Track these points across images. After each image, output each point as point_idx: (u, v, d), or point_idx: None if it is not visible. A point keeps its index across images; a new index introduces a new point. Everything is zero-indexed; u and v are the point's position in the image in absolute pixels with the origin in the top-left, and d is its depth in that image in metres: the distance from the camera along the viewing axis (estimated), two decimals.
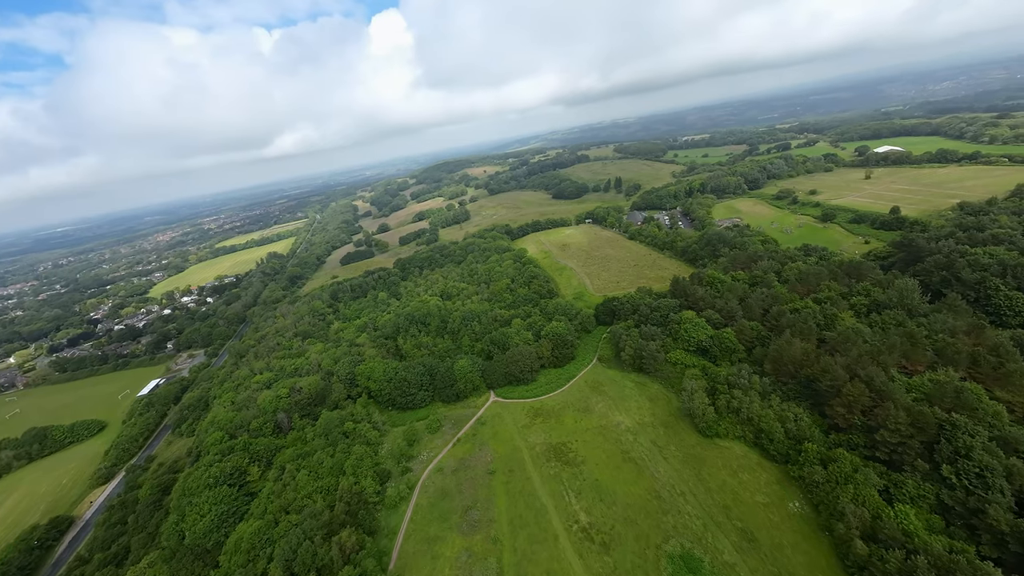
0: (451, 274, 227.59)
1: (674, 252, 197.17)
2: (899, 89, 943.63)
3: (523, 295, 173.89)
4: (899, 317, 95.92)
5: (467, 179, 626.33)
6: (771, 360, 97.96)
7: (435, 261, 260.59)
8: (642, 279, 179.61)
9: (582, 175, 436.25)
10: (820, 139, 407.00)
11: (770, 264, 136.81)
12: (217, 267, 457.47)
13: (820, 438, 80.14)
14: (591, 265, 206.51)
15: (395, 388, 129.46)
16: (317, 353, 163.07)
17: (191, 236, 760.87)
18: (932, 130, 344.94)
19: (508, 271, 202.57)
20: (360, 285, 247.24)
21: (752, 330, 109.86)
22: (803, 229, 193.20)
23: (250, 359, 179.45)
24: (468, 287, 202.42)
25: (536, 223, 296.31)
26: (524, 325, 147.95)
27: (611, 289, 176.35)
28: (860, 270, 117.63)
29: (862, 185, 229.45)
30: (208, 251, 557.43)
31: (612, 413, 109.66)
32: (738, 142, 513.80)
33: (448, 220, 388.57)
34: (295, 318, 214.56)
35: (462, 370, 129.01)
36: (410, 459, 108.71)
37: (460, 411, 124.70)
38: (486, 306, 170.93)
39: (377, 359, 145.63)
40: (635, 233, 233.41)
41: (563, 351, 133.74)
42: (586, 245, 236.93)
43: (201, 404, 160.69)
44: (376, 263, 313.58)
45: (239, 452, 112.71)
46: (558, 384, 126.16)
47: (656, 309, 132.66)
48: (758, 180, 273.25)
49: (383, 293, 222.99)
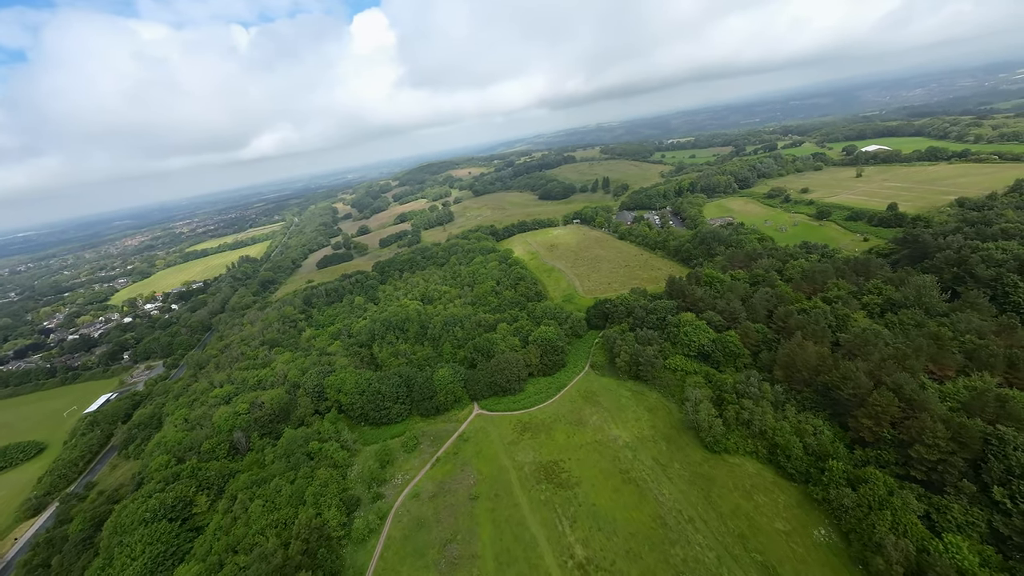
0: (432, 277, 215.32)
1: (667, 252, 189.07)
2: (874, 95, 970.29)
3: (509, 298, 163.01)
4: (917, 317, 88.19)
5: (451, 180, 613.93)
6: (782, 366, 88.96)
7: (416, 263, 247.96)
8: (634, 280, 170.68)
9: (569, 175, 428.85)
10: (806, 140, 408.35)
11: (771, 262, 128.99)
12: (186, 272, 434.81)
13: (844, 454, 70.94)
14: (580, 266, 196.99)
15: (368, 401, 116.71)
16: (284, 363, 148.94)
17: (161, 240, 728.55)
18: (915, 131, 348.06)
19: (493, 273, 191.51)
20: (336, 289, 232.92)
21: (758, 333, 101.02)
22: (798, 227, 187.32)
23: (210, 371, 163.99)
24: (450, 290, 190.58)
25: (522, 223, 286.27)
26: (510, 330, 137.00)
27: (602, 291, 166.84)
28: (868, 267, 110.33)
29: (854, 183, 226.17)
30: (178, 255, 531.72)
31: (608, 426, 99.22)
32: (724, 144, 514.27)
33: (431, 221, 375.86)
34: (263, 325, 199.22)
35: (442, 380, 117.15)
36: (382, 483, 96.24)
37: (440, 426, 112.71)
38: (469, 310, 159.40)
39: (349, 369, 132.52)
40: (625, 233, 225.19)
41: (553, 358, 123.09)
42: (575, 245, 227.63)
43: (153, 422, 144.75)
44: (354, 266, 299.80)
45: (185, 479, 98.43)
46: (548, 394, 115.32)
47: (652, 311, 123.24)
48: (748, 179, 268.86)
49: (360, 297, 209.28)
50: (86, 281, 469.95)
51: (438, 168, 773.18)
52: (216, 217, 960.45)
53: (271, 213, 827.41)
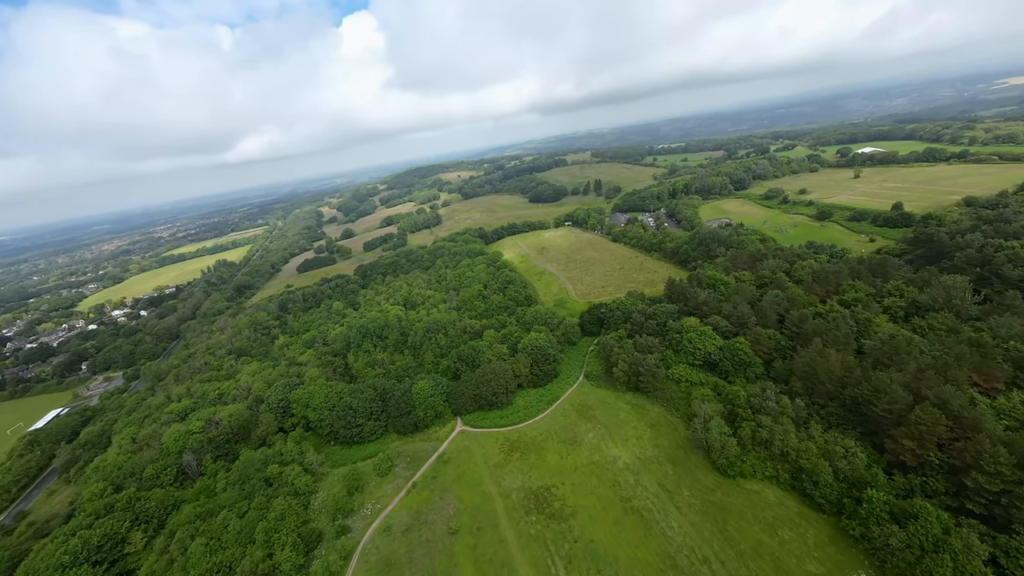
0: (417, 281, 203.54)
1: (663, 254, 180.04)
2: (858, 104, 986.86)
3: (497, 303, 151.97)
4: (948, 321, 79.38)
5: (440, 184, 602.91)
6: (800, 376, 79.16)
7: (400, 267, 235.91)
8: (630, 283, 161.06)
9: (560, 178, 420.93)
10: (797, 144, 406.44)
11: (777, 263, 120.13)
12: (161, 277, 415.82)
13: (883, 482, 60.94)
14: (572, 269, 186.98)
15: (338, 418, 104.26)
16: (249, 375, 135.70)
17: (139, 245, 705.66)
18: (906, 135, 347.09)
19: (480, 276, 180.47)
20: (314, 294, 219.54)
21: (770, 339, 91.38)
22: (799, 228, 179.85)
23: (169, 383, 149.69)
24: (435, 294, 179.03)
25: (512, 226, 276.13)
26: (498, 337, 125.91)
27: (596, 295, 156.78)
28: (886, 268, 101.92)
29: (852, 184, 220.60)
30: (153, 260, 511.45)
31: (606, 445, 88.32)
32: (715, 148, 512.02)
33: (418, 224, 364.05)
34: (232, 333, 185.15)
35: (422, 393, 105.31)
36: (349, 514, 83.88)
37: (418, 445, 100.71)
38: (454, 316, 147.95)
39: (320, 381, 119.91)
40: (619, 235, 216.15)
41: (544, 367, 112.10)
42: (566, 248, 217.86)
43: (102, 441, 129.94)
44: (337, 270, 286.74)
45: (119, 512, 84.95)
46: (539, 408, 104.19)
47: (652, 316, 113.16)
48: (744, 180, 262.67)
49: (338, 303, 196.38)
50: (54, 287, 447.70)
51: (427, 172, 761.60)
52: (199, 221, 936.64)
53: (255, 217, 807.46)
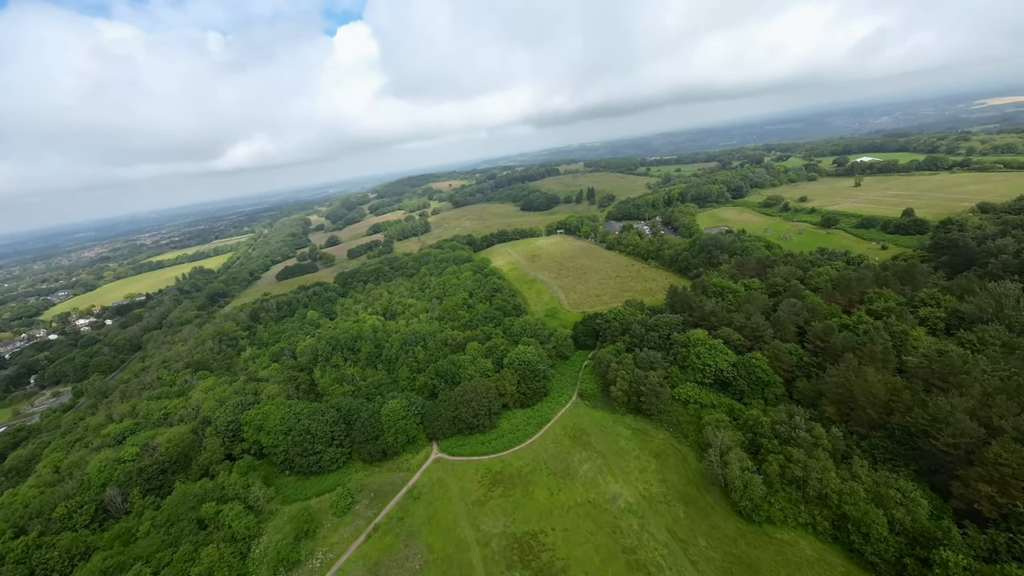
0: (398, 289, 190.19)
1: (661, 262, 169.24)
2: (843, 121, 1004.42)
3: (483, 313, 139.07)
4: (1002, 335, 68.32)
5: (431, 192, 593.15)
6: (833, 400, 67.21)
7: (383, 274, 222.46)
8: (627, 291, 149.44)
9: (552, 187, 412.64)
10: (791, 155, 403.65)
11: (790, 269, 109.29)
12: (136, 285, 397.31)
13: (957, 538, 48.45)
14: (565, 277, 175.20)
15: (294, 443, 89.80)
16: (202, 392, 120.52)
17: (120, 252, 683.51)
18: (899, 147, 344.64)
19: (466, 284, 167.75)
20: (288, 303, 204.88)
21: (791, 355, 79.60)
22: (804, 236, 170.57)
23: (114, 400, 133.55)
24: (417, 303, 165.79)
25: (502, 233, 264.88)
26: (482, 350, 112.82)
27: (590, 304, 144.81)
28: (914, 274, 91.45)
29: (854, 192, 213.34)
30: (130, 267, 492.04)
31: (604, 479, 75.17)
32: (707, 160, 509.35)
33: (405, 232, 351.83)
34: (195, 344, 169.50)
35: (392, 415, 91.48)
36: (295, 566, 69.40)
37: (386, 476, 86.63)
38: (435, 326, 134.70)
39: (278, 400, 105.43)
40: (613, 242, 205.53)
41: (532, 385, 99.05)
42: (559, 255, 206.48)
43: (29, 468, 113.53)
44: (318, 278, 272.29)
45: (11, 565, 69.35)
46: (526, 432, 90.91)
47: (653, 328, 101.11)
48: (741, 189, 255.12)
49: (313, 312, 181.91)
50: (22, 294, 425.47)
51: (419, 181, 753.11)
52: (184, 229, 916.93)
53: (241, 225, 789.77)
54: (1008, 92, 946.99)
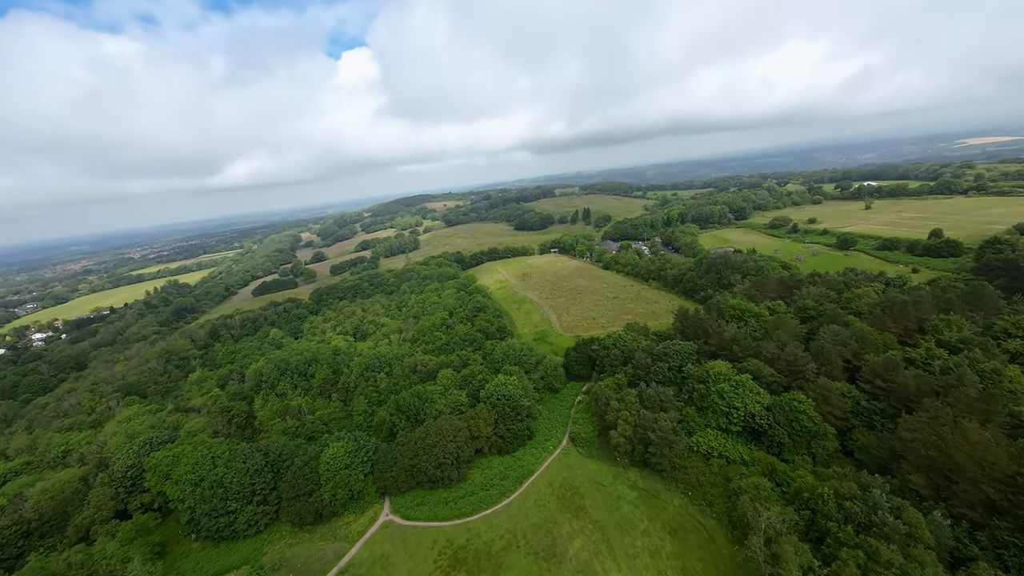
0: (374, 307, 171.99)
1: (663, 282, 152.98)
2: (831, 157, 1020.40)
3: (462, 334, 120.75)
4: None
5: (425, 212, 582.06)
6: (918, 464, 49.19)
7: (362, 291, 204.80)
8: (626, 314, 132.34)
9: (547, 208, 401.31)
10: (789, 182, 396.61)
11: (821, 291, 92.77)
12: (109, 298, 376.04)
13: None
14: (558, 297, 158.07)
15: (203, 499, 69.65)
16: (118, 423, 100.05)
17: (106, 265, 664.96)
18: (899, 175, 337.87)
19: (447, 303, 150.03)
20: (254, 320, 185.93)
21: (844, 397, 61.91)
22: (819, 257, 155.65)
23: (17, 431, 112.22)
24: (391, 322, 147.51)
25: (493, 251, 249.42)
26: (456, 380, 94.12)
27: (585, 327, 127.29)
28: (982, 298, 75.27)
29: (866, 215, 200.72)
30: (107, 280, 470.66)
31: (602, 564, 55.73)
32: (703, 186, 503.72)
33: (393, 249, 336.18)
34: (138, 363, 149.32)
35: (334, 462, 72.01)
36: None
37: (316, 547, 66.40)
38: (405, 349, 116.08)
39: (200, 438, 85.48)
40: (611, 262, 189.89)
41: (514, 425, 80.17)
42: (551, 274, 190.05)
43: None
44: (296, 294, 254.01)
45: None
46: (502, 488, 71.56)
47: (662, 357, 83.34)
48: (744, 210, 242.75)
49: (277, 330, 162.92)
50: None
51: (413, 201, 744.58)
52: (176, 244, 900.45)
53: (232, 241, 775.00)
54: (988, 132, 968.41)
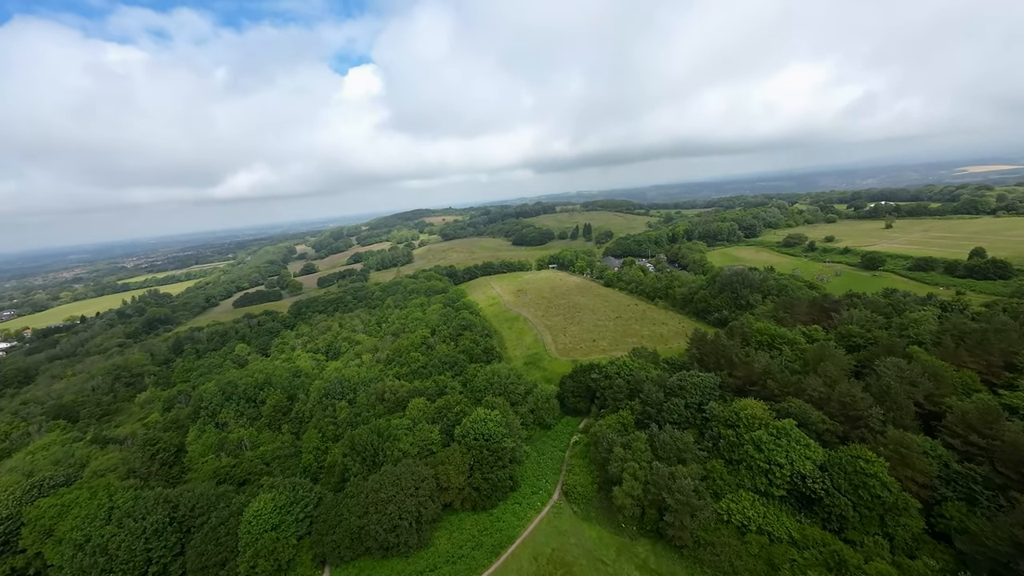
0: (353, 322, 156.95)
1: (671, 302, 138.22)
2: (832, 181, 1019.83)
3: (443, 356, 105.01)
4: None
5: (423, 226, 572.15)
6: None
7: (344, 304, 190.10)
8: (630, 336, 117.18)
9: (547, 223, 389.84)
10: (798, 201, 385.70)
11: (866, 315, 77.76)
12: (90, 307, 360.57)
13: None
14: (554, 315, 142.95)
15: (79, 570, 53.30)
16: (25, 455, 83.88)
17: (97, 273, 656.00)
18: (911, 196, 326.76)
19: (431, 319, 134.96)
20: (223, 333, 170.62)
21: (929, 457, 46.36)
22: (843, 278, 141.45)
23: None
24: (367, 340, 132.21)
25: (488, 265, 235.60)
26: (429, 411, 78.34)
27: (584, 351, 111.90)
28: None
29: (887, 234, 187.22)
30: (91, 289, 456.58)
31: None
32: (707, 206, 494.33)
33: (385, 262, 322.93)
34: (83, 380, 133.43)
35: (258, 521, 55.96)
36: None
37: None
38: (375, 372, 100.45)
39: (106, 480, 69.35)
40: (613, 279, 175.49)
41: (493, 474, 64.28)
42: (548, 291, 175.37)
43: None
44: (277, 306, 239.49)
45: None
46: (473, 561, 55.41)
47: (676, 391, 67.91)
48: (754, 227, 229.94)
49: (244, 346, 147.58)
50: None
51: (413, 215, 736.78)
52: (172, 254, 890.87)
53: (227, 252, 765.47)
54: (985, 161, 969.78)
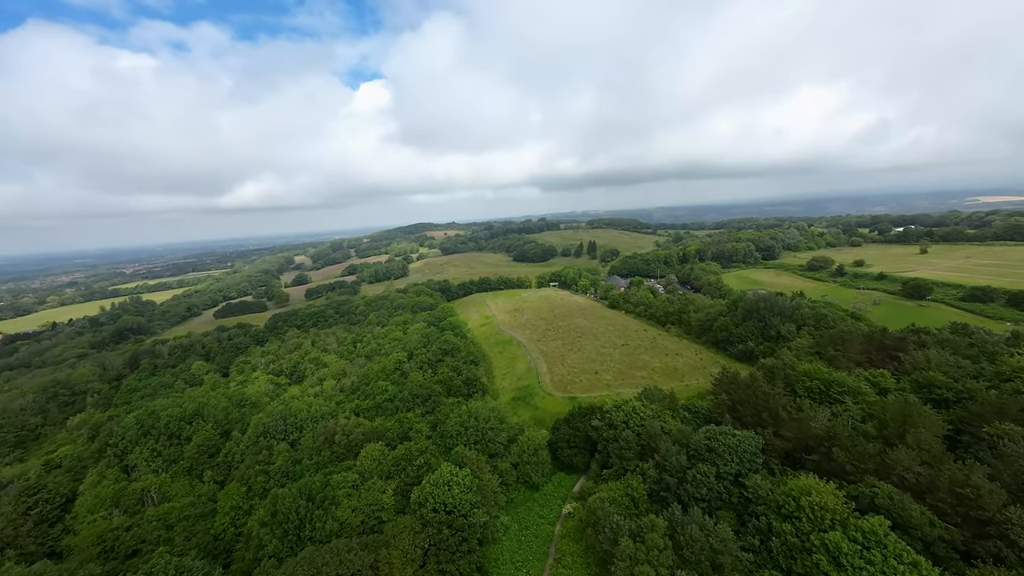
0: (326, 339, 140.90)
1: (685, 328, 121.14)
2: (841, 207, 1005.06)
3: (416, 387, 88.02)
4: None
5: (424, 240, 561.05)
6: None
7: (325, 319, 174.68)
8: (638, 368, 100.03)
9: (550, 240, 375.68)
10: (813, 224, 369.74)
11: (946, 357, 60.57)
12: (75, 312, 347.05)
13: None
14: (552, 339, 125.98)
15: None
16: None
17: (93, 278, 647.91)
18: (934, 223, 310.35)
19: (411, 340, 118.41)
20: (186, 348, 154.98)
21: None
22: (883, 307, 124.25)
23: None
24: (336, 362, 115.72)
25: (484, 281, 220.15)
26: (386, 462, 61.33)
27: (584, 384, 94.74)
28: None
29: (924, 259, 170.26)
30: (80, 294, 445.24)
31: None
32: (716, 227, 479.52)
33: (379, 275, 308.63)
34: (8, 399, 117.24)
35: None
36: None
37: None
38: (329, 406, 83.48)
39: None
40: (618, 300, 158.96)
41: (453, 566, 46.83)
42: (547, 311, 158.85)
43: None
44: (258, 318, 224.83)
45: None
46: None
47: (704, 454, 50.72)
48: (772, 249, 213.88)
49: (202, 363, 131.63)
50: None
51: (415, 229, 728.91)
52: (174, 262, 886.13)
53: (226, 260, 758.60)
54: (995, 191, 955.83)
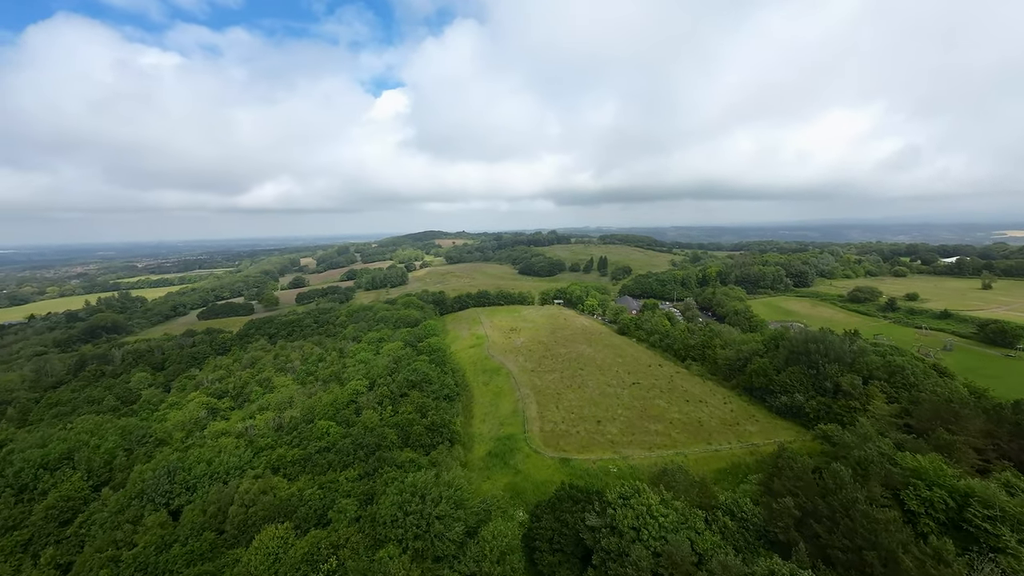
0: (289, 354, 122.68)
1: (710, 367, 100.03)
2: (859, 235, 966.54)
3: (364, 432, 68.51)
4: None
5: (431, 248, 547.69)
6: None
7: (301, 328, 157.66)
8: (652, 420, 79.25)
9: (559, 254, 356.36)
10: (842, 251, 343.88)
11: None
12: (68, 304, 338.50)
13: None
14: (549, 370, 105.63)
15: None
16: None
17: (105, 271, 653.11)
18: (979, 254, 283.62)
19: (378, 365, 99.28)
20: (141, 354, 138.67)
21: None
22: (957, 355, 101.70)
23: None
24: (288, 385, 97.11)
25: (483, 295, 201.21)
26: (296, 555, 41.74)
27: (582, 441, 74.28)
28: None
29: (990, 296, 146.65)
30: (81, 286, 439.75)
31: None
32: (734, 249, 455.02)
33: (376, 282, 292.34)
34: None
35: None
36: None
37: None
38: (244, 456, 64.30)
39: None
40: (629, 325, 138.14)
41: None
42: (547, 334, 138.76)
43: None
44: (242, 321, 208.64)
45: None
46: None
47: None
48: (805, 275, 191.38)
49: (144, 374, 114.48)
50: None
51: (424, 236, 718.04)
52: (185, 258, 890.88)
53: (234, 259, 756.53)
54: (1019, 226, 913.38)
